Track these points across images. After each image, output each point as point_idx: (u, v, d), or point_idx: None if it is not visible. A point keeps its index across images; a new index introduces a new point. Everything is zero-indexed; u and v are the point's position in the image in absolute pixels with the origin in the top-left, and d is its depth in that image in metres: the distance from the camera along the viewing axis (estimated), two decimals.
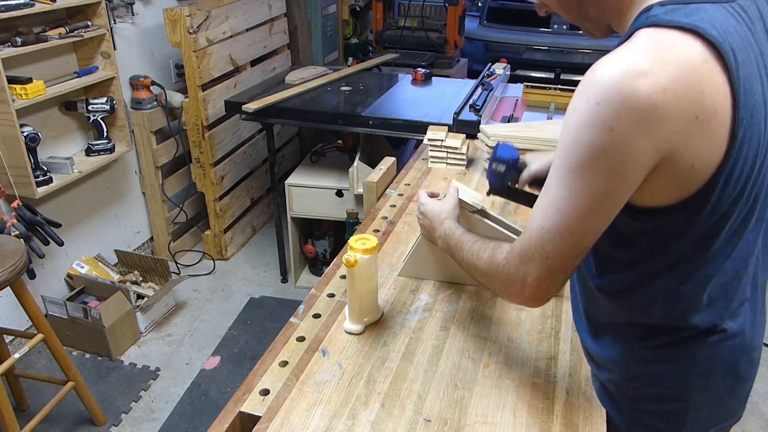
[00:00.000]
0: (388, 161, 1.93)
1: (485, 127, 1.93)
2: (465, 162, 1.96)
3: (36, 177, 2.29)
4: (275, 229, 3.11)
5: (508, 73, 2.94)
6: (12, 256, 1.80)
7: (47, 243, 2.33)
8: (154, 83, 2.92)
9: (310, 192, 2.84)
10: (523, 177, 1.20)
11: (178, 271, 3.19)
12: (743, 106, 0.70)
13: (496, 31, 4.99)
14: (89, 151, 2.63)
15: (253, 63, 3.34)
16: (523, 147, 1.84)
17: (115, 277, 2.86)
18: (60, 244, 2.36)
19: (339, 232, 3.11)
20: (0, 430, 1.82)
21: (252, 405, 1.02)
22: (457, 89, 2.88)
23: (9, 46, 2.14)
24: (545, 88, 2.57)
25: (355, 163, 2.64)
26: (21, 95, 2.17)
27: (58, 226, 2.39)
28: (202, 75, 2.90)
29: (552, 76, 2.94)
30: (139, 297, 2.79)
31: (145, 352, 2.65)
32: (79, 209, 2.78)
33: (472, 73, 4.31)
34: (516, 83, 2.92)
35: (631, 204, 0.76)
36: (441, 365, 1.11)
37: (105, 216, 2.94)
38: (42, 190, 2.32)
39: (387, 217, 1.66)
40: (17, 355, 1.96)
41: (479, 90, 2.54)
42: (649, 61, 0.67)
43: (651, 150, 0.68)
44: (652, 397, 0.91)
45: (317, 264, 3.20)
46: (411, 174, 1.93)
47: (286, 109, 2.71)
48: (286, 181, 2.86)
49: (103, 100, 2.58)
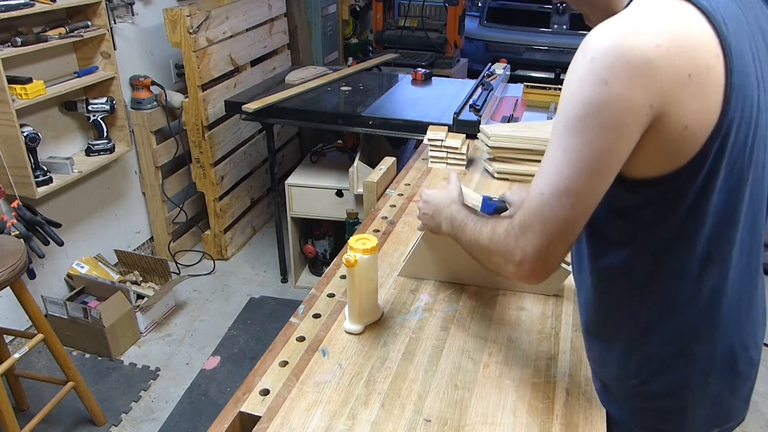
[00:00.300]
0: (388, 161, 1.94)
1: (485, 127, 1.93)
2: (465, 162, 1.96)
3: (36, 177, 2.29)
4: (275, 229, 3.11)
5: (508, 73, 2.94)
6: (12, 256, 1.80)
7: (47, 243, 2.33)
8: (154, 83, 2.92)
9: (310, 192, 2.84)
10: (508, 214, 1.27)
11: (178, 271, 3.19)
12: (735, 71, 0.72)
13: (496, 31, 4.99)
14: (89, 151, 2.63)
15: (253, 63, 3.34)
16: (523, 147, 1.84)
17: (115, 277, 2.86)
18: (60, 244, 2.36)
19: (339, 232, 3.11)
20: (0, 430, 1.82)
21: (252, 405, 1.02)
22: (457, 89, 2.88)
23: (9, 46, 2.14)
24: (545, 88, 2.57)
25: (355, 163, 2.64)
26: (21, 95, 2.17)
27: (58, 226, 2.39)
28: (202, 75, 2.90)
29: (552, 76, 2.94)
30: (139, 297, 2.79)
31: (145, 352, 2.65)
32: (79, 209, 2.78)
33: (472, 73, 4.31)
34: (516, 83, 2.92)
35: (626, 176, 0.78)
36: (441, 365, 1.11)
37: (105, 216, 2.94)
38: (42, 190, 2.32)
39: (387, 217, 1.66)
40: (17, 355, 1.96)
41: (479, 90, 2.54)
42: (643, 21, 0.70)
43: (645, 105, 0.70)
44: (652, 395, 0.91)
45: (317, 264, 3.20)
46: (411, 174, 1.93)
47: (286, 109, 2.71)
48: (286, 181, 2.86)
49: (103, 100, 2.58)
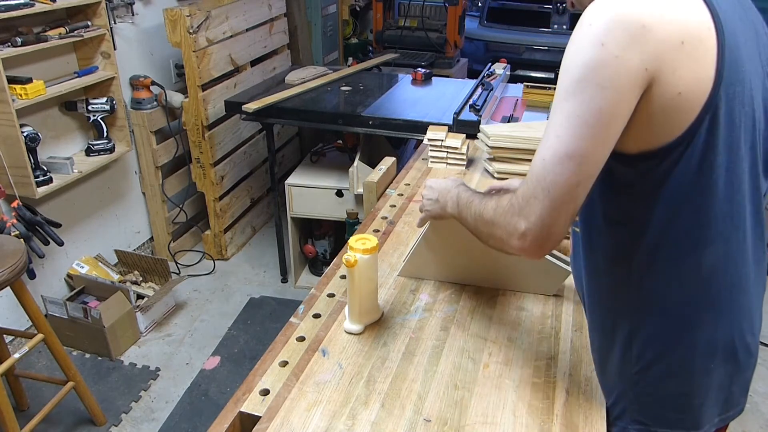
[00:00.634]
0: (388, 161, 1.94)
1: (485, 127, 1.93)
2: (465, 162, 1.96)
3: (36, 177, 2.29)
4: (275, 229, 3.11)
5: (508, 73, 2.94)
6: (12, 256, 1.80)
7: (47, 243, 2.33)
8: (154, 83, 2.92)
9: (310, 192, 2.84)
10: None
11: (178, 271, 3.19)
12: (728, 46, 0.76)
13: (496, 31, 4.99)
14: (89, 151, 2.63)
15: (253, 63, 3.34)
16: (523, 147, 1.84)
17: (115, 277, 2.86)
18: (60, 244, 2.36)
19: (339, 232, 3.11)
20: (0, 430, 1.82)
21: (252, 405, 1.02)
22: (457, 89, 2.88)
23: (9, 46, 2.14)
24: (545, 88, 2.57)
25: (355, 163, 2.64)
26: (21, 95, 2.17)
27: (58, 226, 2.39)
28: (202, 75, 2.90)
29: (552, 76, 2.94)
30: (139, 297, 2.79)
31: (145, 352, 2.65)
32: (79, 209, 2.78)
33: (472, 73, 4.31)
34: (516, 83, 2.92)
35: (623, 152, 0.80)
36: (441, 365, 1.11)
37: (105, 216, 2.94)
38: (42, 190, 2.32)
39: (387, 217, 1.66)
40: (17, 355, 1.96)
41: (479, 90, 2.54)
42: None
43: (640, 67, 0.73)
44: (654, 380, 0.91)
45: (317, 264, 3.20)
46: (411, 174, 1.94)
47: (286, 109, 2.71)
48: (286, 181, 2.86)
49: (103, 100, 2.58)
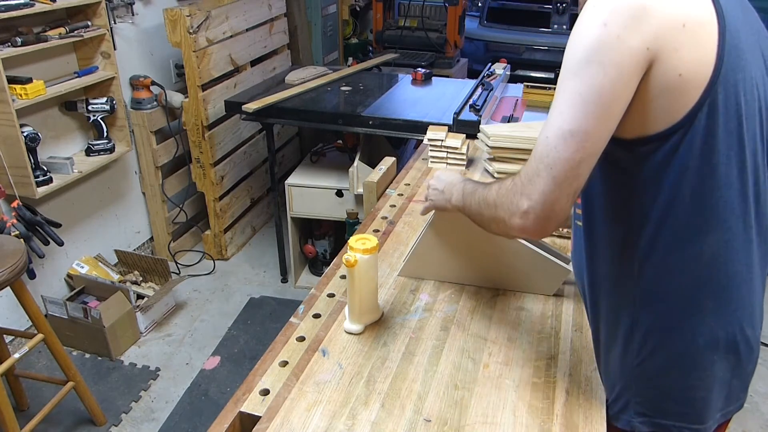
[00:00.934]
0: (388, 161, 1.94)
1: (485, 127, 1.93)
2: (465, 162, 1.96)
3: (36, 177, 2.29)
4: (275, 229, 3.11)
5: (508, 73, 2.94)
6: (12, 256, 1.80)
7: (47, 243, 2.33)
8: (154, 83, 2.92)
9: (310, 192, 2.84)
10: None
11: (178, 271, 3.19)
12: (729, 32, 0.77)
13: (496, 31, 4.99)
14: (89, 151, 2.63)
15: (253, 63, 3.34)
16: (523, 147, 1.84)
17: (115, 277, 2.86)
18: (60, 244, 2.36)
19: (339, 232, 3.11)
20: (0, 430, 1.82)
21: (252, 405, 1.02)
22: (457, 89, 2.88)
23: (9, 46, 2.14)
24: (545, 88, 2.57)
25: (355, 163, 2.64)
26: (21, 95, 2.17)
27: (58, 226, 2.39)
28: (202, 75, 2.90)
29: (552, 76, 2.94)
30: (139, 297, 2.79)
31: (145, 352, 2.65)
32: (79, 209, 2.78)
33: (472, 73, 4.31)
34: (516, 83, 2.92)
35: (623, 137, 0.81)
36: (441, 365, 1.11)
37: (105, 216, 2.94)
38: (42, 190, 2.32)
39: (387, 217, 1.66)
40: (17, 355, 1.96)
41: (479, 90, 2.54)
42: None
43: (641, 47, 0.75)
44: (658, 370, 0.91)
45: (317, 264, 3.20)
46: (411, 174, 1.94)
47: (286, 109, 2.71)
48: (286, 181, 2.86)
49: (103, 100, 2.58)
